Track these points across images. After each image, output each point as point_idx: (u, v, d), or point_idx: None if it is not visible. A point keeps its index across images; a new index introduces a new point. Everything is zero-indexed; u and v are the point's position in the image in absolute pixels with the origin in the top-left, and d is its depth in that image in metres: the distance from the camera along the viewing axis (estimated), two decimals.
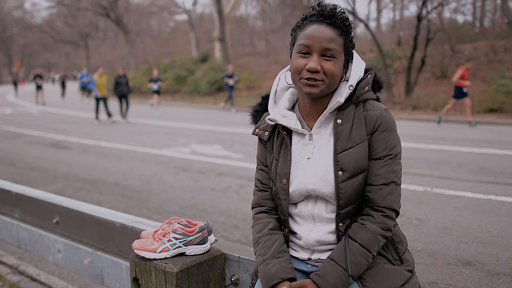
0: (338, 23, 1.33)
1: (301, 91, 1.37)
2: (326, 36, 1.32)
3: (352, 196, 1.34)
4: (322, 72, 1.31)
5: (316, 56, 1.32)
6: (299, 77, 1.34)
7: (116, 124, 13.99)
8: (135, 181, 6.42)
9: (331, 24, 1.33)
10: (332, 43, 1.31)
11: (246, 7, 49.19)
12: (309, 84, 1.32)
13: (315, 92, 1.33)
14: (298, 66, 1.33)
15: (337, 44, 1.33)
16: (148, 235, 1.81)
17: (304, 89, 1.34)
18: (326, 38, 1.31)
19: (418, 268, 3.33)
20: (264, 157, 1.52)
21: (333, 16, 1.33)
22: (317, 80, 1.31)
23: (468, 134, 9.34)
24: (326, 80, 1.32)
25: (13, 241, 2.86)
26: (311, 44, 1.31)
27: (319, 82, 1.32)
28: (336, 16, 1.33)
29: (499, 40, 20.04)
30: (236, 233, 4.25)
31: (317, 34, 1.32)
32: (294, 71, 1.35)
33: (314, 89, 1.32)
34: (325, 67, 1.31)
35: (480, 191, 5.39)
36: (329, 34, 1.32)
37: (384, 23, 39.41)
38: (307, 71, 1.31)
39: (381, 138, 1.34)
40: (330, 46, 1.31)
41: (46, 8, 56.83)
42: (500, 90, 15.11)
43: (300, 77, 1.34)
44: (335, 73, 1.33)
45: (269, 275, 1.34)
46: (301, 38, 1.34)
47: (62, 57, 64.80)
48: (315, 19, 1.34)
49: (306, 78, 1.32)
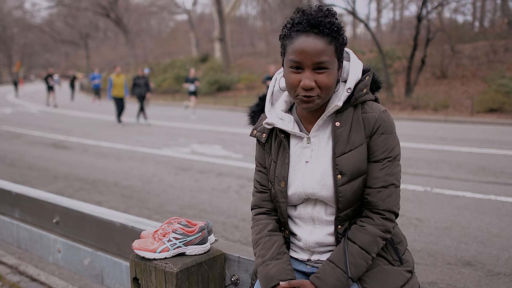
0: (327, 31, 1.27)
1: (298, 106, 1.37)
2: (316, 49, 1.26)
3: (351, 199, 1.33)
4: (317, 87, 1.29)
5: (309, 72, 1.28)
6: (295, 94, 1.32)
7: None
8: (135, 181, 6.42)
9: (319, 33, 1.27)
10: (323, 56, 1.27)
11: (246, 7, 49.25)
12: (305, 100, 1.30)
13: (312, 107, 1.32)
14: (292, 83, 1.31)
15: (328, 55, 1.28)
16: (148, 235, 1.80)
17: (301, 106, 1.33)
18: (317, 52, 1.26)
19: (418, 268, 3.33)
20: (262, 158, 1.51)
21: (320, 24, 1.27)
22: (312, 96, 1.30)
23: (468, 134, 9.35)
24: (321, 94, 1.30)
25: (13, 241, 2.86)
26: (302, 60, 1.27)
27: (315, 98, 1.30)
28: (323, 23, 1.27)
29: (499, 40, 20.06)
30: (236, 233, 4.25)
31: (306, 48, 1.26)
32: (289, 87, 1.33)
33: (311, 104, 1.31)
34: (319, 81, 1.28)
35: (480, 191, 5.39)
36: (318, 47, 1.26)
37: (384, 23, 39.48)
38: (302, 89, 1.29)
39: (380, 140, 1.33)
40: (322, 59, 1.27)
41: (46, 8, 56.89)
42: (500, 90, 15.12)
43: (296, 94, 1.32)
44: (329, 84, 1.30)
45: (268, 277, 1.34)
46: (291, 53, 1.30)
47: (62, 57, 64.79)
48: (302, 29, 1.28)
49: (303, 95, 1.30)
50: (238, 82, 26.30)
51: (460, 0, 21.50)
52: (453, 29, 21.86)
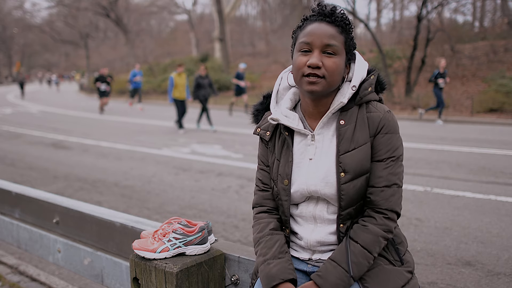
0: (338, 20, 1.34)
1: (303, 89, 1.37)
2: (327, 32, 1.33)
3: (353, 197, 1.34)
4: (324, 69, 1.32)
5: (317, 53, 1.32)
6: (301, 74, 1.34)
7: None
8: (135, 181, 6.42)
9: (331, 22, 1.34)
10: (332, 40, 1.33)
11: (246, 7, 49.23)
12: (310, 81, 1.32)
13: (317, 89, 1.32)
14: (299, 63, 1.34)
15: (337, 41, 1.33)
16: (148, 235, 1.80)
17: (306, 87, 1.33)
18: (327, 35, 1.32)
19: (418, 268, 3.33)
20: (265, 157, 1.51)
21: (333, 15, 1.35)
22: (318, 76, 1.31)
23: (468, 134, 9.35)
24: (327, 76, 1.32)
25: (13, 241, 2.86)
26: (312, 41, 1.32)
27: (321, 79, 1.31)
28: (335, 14, 1.35)
29: (499, 40, 20.05)
30: (236, 233, 4.25)
31: (317, 31, 1.33)
32: (296, 69, 1.35)
33: (315, 86, 1.32)
34: (326, 64, 1.32)
35: (480, 191, 5.39)
36: (329, 31, 1.33)
37: (384, 23, 39.44)
38: (308, 67, 1.32)
39: (384, 140, 1.34)
40: (331, 42, 1.32)
41: (46, 8, 56.84)
42: (500, 90, 15.12)
43: (301, 74, 1.33)
44: (335, 70, 1.33)
45: (269, 276, 1.34)
46: (302, 36, 1.36)
47: (62, 57, 64.82)
48: (315, 18, 1.36)
49: (307, 74, 1.32)
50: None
51: (460, 0, 21.51)
52: (453, 29, 21.86)
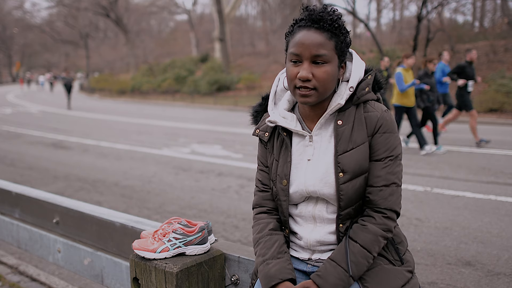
0: (327, 26, 1.30)
1: (297, 101, 1.38)
2: (315, 42, 1.29)
3: (352, 197, 1.34)
4: (314, 80, 1.30)
5: (307, 64, 1.30)
6: (293, 85, 1.34)
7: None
8: (135, 181, 6.42)
9: (319, 28, 1.30)
10: (321, 49, 1.29)
11: (246, 7, 49.23)
12: (302, 94, 1.32)
13: (309, 101, 1.33)
14: (291, 75, 1.33)
15: (327, 49, 1.30)
16: (148, 235, 1.80)
17: (299, 99, 1.34)
18: (315, 44, 1.29)
19: (418, 268, 3.33)
20: (264, 157, 1.52)
21: (321, 20, 1.30)
22: (309, 88, 1.31)
23: (468, 134, 9.34)
24: (318, 87, 1.31)
25: (13, 241, 2.86)
26: (301, 52, 1.30)
27: (312, 91, 1.31)
28: (324, 19, 1.30)
29: (499, 40, 20.04)
30: (236, 233, 4.25)
31: (306, 41, 1.30)
32: (288, 80, 1.35)
33: (308, 98, 1.32)
34: (316, 74, 1.30)
35: (480, 191, 5.39)
36: (318, 40, 1.29)
37: (384, 23, 39.45)
38: (299, 80, 1.31)
39: (382, 139, 1.34)
40: (320, 52, 1.29)
41: (46, 8, 56.79)
42: (500, 90, 15.11)
43: (294, 86, 1.33)
44: (327, 79, 1.31)
45: (269, 276, 1.34)
46: (292, 46, 1.33)
47: (62, 57, 64.78)
48: (304, 24, 1.32)
49: (299, 87, 1.32)
50: (238, 82, 26.28)
51: (460, 0, 21.52)
52: (453, 29, 21.87)
